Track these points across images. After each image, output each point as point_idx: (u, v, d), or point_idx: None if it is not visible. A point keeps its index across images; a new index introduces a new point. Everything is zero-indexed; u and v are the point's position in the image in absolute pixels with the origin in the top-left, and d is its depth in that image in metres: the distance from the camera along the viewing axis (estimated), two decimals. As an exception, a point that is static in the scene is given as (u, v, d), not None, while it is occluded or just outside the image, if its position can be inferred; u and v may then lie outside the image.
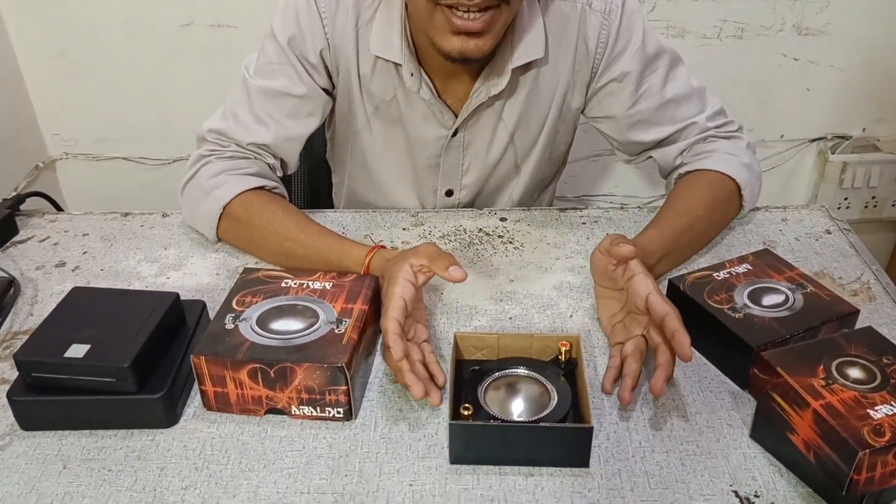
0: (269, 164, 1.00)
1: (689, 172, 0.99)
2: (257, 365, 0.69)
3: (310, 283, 0.79)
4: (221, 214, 0.94)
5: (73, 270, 0.94)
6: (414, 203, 1.12)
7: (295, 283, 0.79)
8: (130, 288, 0.91)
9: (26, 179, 1.65)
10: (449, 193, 1.10)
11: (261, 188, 0.95)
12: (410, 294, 0.74)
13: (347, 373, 0.69)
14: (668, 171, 1.05)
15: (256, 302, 0.76)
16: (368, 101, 1.02)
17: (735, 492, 0.65)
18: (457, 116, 1.01)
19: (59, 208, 1.13)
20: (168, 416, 0.71)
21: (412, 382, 0.69)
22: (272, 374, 0.69)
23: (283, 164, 1.03)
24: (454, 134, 1.03)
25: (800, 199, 1.92)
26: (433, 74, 0.98)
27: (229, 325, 0.73)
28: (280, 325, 0.73)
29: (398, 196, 1.12)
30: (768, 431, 0.69)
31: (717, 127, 1.01)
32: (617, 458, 0.69)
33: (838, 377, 0.64)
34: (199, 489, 0.66)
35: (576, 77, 1.01)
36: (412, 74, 0.96)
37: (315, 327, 0.73)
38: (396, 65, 0.97)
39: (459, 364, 0.75)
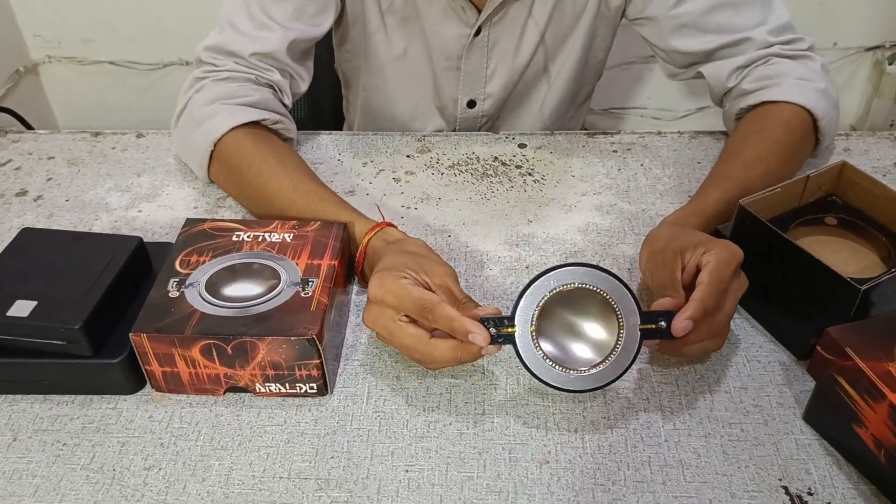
0: (274, 87, 0.85)
1: (755, 106, 0.83)
2: (211, 341, 0.58)
3: (266, 234, 0.67)
4: (212, 153, 0.80)
5: (34, 201, 0.84)
6: (434, 117, 1.00)
7: (249, 237, 0.67)
8: (97, 222, 0.80)
9: (6, 85, 1.52)
10: (471, 104, 0.98)
11: (258, 123, 0.81)
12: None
13: (320, 345, 0.58)
14: (720, 93, 0.89)
15: (204, 262, 0.64)
16: None
17: (785, 487, 0.56)
18: (480, 12, 0.88)
19: (28, 126, 1.02)
20: (130, 381, 0.62)
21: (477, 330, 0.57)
22: (230, 351, 0.59)
23: (294, 80, 0.88)
24: (477, 33, 0.91)
25: (850, 115, 1.76)
26: None
27: (173, 293, 0.61)
28: (234, 289, 0.62)
29: (416, 108, 1.00)
30: (827, 416, 0.59)
31: (782, 44, 0.85)
32: (647, 442, 0.59)
33: (922, 362, 0.53)
34: (164, 470, 0.58)
35: None
36: None
37: (277, 291, 0.62)
38: None
39: None
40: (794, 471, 0.57)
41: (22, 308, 0.60)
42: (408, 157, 0.90)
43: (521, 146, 0.91)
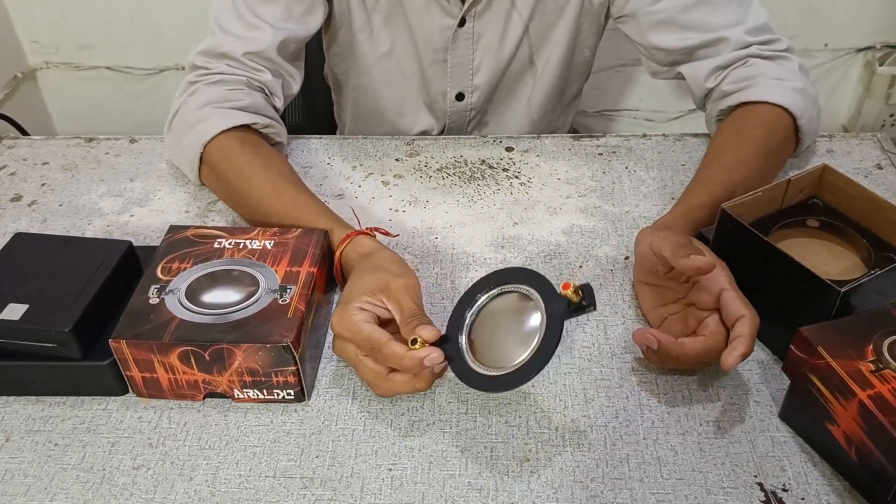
0: (265, 91, 0.86)
1: (733, 109, 0.84)
2: (188, 347, 0.59)
3: (247, 242, 0.68)
4: (202, 155, 0.81)
5: (29, 206, 0.85)
6: (422, 114, 1.02)
7: (230, 244, 0.68)
8: (90, 226, 0.82)
9: (4, 91, 1.54)
10: (460, 97, 1.00)
11: (248, 126, 0.82)
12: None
13: (295, 352, 0.59)
14: (701, 95, 0.90)
15: (185, 269, 0.65)
16: None
17: (760, 484, 0.57)
18: (463, 2, 0.91)
19: (24, 132, 1.03)
20: (119, 383, 0.63)
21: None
22: (207, 357, 0.60)
23: (286, 81, 0.89)
24: (461, 24, 0.92)
25: (841, 116, 1.76)
26: None
27: (154, 300, 0.63)
28: (213, 296, 0.63)
29: (404, 105, 1.01)
30: (801, 414, 0.60)
31: (759, 44, 0.86)
32: (625, 440, 0.60)
33: (891, 360, 0.55)
34: (153, 469, 0.59)
35: None
36: None
37: (255, 298, 0.63)
38: None
39: None
40: (769, 467, 0.58)
41: (14, 311, 0.61)
42: (396, 160, 0.91)
43: (509, 149, 0.92)
